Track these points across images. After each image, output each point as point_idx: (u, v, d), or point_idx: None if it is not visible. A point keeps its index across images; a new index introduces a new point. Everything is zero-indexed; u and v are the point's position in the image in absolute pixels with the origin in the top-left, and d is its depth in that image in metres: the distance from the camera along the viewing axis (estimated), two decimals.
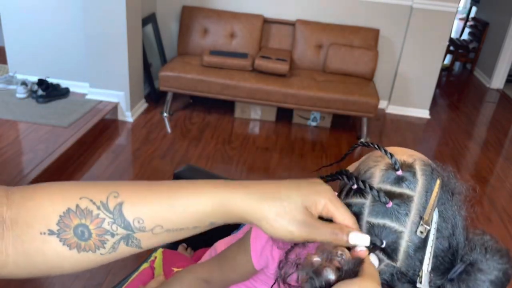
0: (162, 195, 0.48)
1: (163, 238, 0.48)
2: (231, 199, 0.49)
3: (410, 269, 0.52)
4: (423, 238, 0.51)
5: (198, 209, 0.48)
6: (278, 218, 0.48)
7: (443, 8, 3.65)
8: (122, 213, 0.46)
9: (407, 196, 0.52)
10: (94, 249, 0.45)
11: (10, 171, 2.33)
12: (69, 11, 3.23)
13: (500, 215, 2.66)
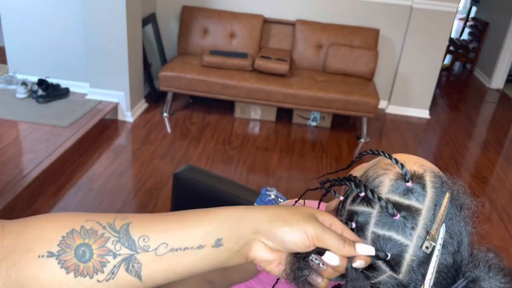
0: (170, 217, 0.48)
1: (166, 263, 0.46)
2: (239, 210, 0.49)
3: (411, 282, 0.52)
4: (428, 253, 0.51)
5: (205, 222, 0.47)
6: (292, 217, 0.48)
7: (443, 8, 3.65)
8: (129, 231, 0.45)
9: (415, 209, 0.52)
10: (92, 273, 0.43)
11: (10, 171, 2.33)
12: (69, 11, 3.23)
13: (500, 215, 2.66)
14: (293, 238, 0.47)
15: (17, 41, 3.37)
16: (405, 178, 0.53)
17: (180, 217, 0.48)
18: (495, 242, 2.39)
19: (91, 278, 0.43)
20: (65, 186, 2.46)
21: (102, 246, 0.43)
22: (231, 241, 0.47)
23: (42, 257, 0.42)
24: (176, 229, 0.46)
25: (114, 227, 0.44)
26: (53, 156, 2.52)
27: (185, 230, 0.46)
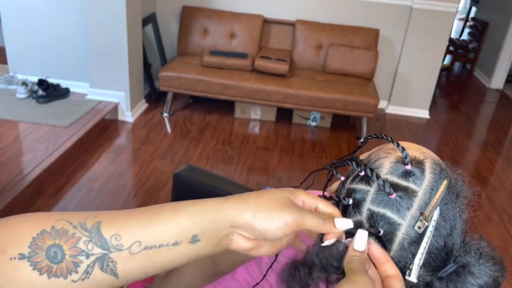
0: (143, 213, 0.46)
1: (141, 261, 0.44)
2: (215, 205, 0.47)
3: (401, 260, 0.53)
4: (420, 233, 0.52)
5: (179, 219, 0.45)
6: (268, 207, 0.48)
7: (443, 8, 3.66)
8: (100, 230, 0.43)
9: (411, 191, 0.53)
10: (66, 273, 0.42)
11: (10, 171, 2.33)
12: (69, 11, 3.23)
13: (500, 215, 2.67)
14: (273, 229, 0.47)
15: (17, 41, 3.37)
16: (405, 161, 0.54)
17: (153, 212, 0.46)
18: (495, 242, 2.40)
19: (65, 279, 0.42)
20: (65, 186, 2.46)
21: (73, 247, 0.42)
22: (208, 236, 0.46)
23: (14, 259, 0.41)
24: (149, 226, 0.45)
25: (85, 226, 0.43)
26: (53, 156, 2.52)
27: (159, 227, 0.45)
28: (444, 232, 0.53)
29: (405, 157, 0.54)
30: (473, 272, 0.53)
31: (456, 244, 0.54)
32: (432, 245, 0.52)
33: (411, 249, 0.52)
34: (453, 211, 0.54)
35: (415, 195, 0.52)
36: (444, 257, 0.54)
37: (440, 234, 0.53)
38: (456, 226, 0.54)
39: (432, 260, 0.53)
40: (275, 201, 0.48)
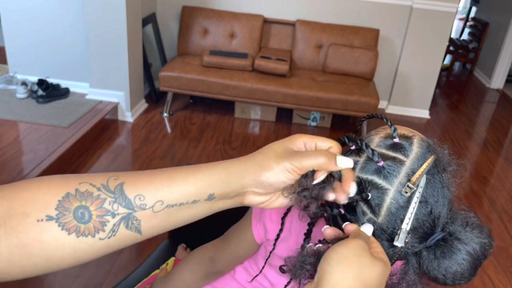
0: (163, 174, 0.49)
1: (163, 218, 0.48)
2: (227, 165, 0.51)
3: (390, 226, 0.54)
4: (407, 198, 0.53)
5: (197, 179, 0.49)
6: (269, 161, 0.50)
7: (443, 8, 3.65)
8: (124, 191, 0.46)
9: (399, 160, 0.55)
10: (93, 232, 0.44)
11: (10, 171, 2.33)
12: (69, 11, 3.23)
13: (500, 215, 2.66)
14: (278, 179, 0.50)
15: (17, 41, 3.37)
16: (393, 135, 0.57)
17: (172, 174, 0.49)
18: (495, 242, 2.39)
19: (93, 237, 0.44)
20: None
21: (99, 207, 0.44)
22: (222, 195, 0.50)
23: (41, 221, 0.43)
24: (170, 186, 0.48)
25: (108, 187, 0.45)
26: (53, 156, 2.52)
27: (179, 187, 0.48)
28: (431, 200, 0.54)
29: (393, 131, 0.57)
30: (460, 238, 0.54)
31: (443, 213, 0.55)
32: (419, 212, 0.54)
33: (398, 214, 0.53)
34: (440, 182, 0.55)
35: (403, 163, 0.55)
36: (431, 224, 0.55)
37: (427, 201, 0.54)
38: (443, 195, 0.55)
39: (419, 226, 0.54)
40: (275, 154, 0.51)
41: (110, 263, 1.95)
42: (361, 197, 0.54)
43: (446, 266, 0.54)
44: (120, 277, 1.85)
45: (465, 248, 0.54)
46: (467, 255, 0.53)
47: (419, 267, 0.56)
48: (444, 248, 0.54)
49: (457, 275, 0.54)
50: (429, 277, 0.56)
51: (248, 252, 0.86)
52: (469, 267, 0.54)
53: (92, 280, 1.86)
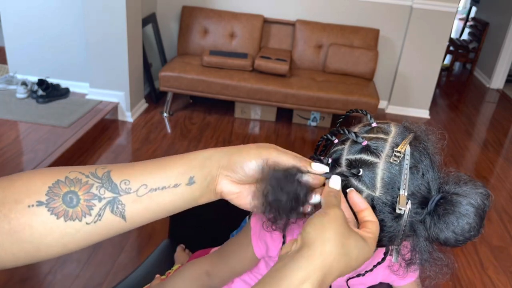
0: (148, 162, 0.52)
1: (146, 203, 0.50)
2: (205, 152, 0.54)
3: (388, 197, 0.55)
4: (397, 167, 0.55)
5: (179, 164, 0.52)
6: (248, 147, 0.54)
7: (443, 8, 3.65)
8: (110, 177, 0.48)
9: (382, 138, 0.58)
10: (80, 216, 0.46)
11: (10, 171, 2.33)
12: (69, 11, 3.23)
13: (500, 215, 2.66)
14: (252, 166, 0.53)
15: (17, 41, 3.37)
16: (370, 121, 0.61)
17: (157, 162, 0.52)
18: (495, 242, 2.39)
19: (80, 221, 0.46)
20: None
21: (87, 192, 0.47)
22: (201, 178, 0.52)
23: (32, 207, 0.45)
24: (154, 171, 0.51)
25: (96, 174, 0.48)
26: (53, 156, 2.52)
27: (162, 171, 0.51)
28: (420, 165, 0.56)
29: (370, 118, 0.61)
30: (457, 193, 0.55)
31: (434, 175, 0.57)
32: (412, 177, 0.55)
33: (393, 182, 0.55)
34: (424, 150, 0.58)
35: (386, 140, 0.58)
36: (426, 187, 0.56)
37: (417, 166, 0.56)
38: (430, 160, 0.58)
39: (416, 191, 0.56)
40: (256, 145, 0.55)
41: (110, 263, 1.95)
42: (352, 174, 0.56)
43: (453, 221, 0.54)
44: (120, 277, 1.85)
45: (465, 199, 0.54)
46: (469, 205, 0.54)
47: (428, 235, 0.57)
48: (445, 205, 0.55)
49: (466, 228, 0.54)
50: (441, 243, 0.57)
51: (248, 267, 0.85)
52: (475, 217, 0.54)
53: (92, 280, 1.86)
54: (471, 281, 2.10)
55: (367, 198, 0.56)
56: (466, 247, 2.32)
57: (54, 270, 1.87)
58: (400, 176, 0.55)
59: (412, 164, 0.56)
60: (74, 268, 1.90)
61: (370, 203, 0.56)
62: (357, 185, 0.56)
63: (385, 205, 0.56)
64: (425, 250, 0.57)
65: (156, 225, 2.18)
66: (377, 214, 0.55)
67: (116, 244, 2.06)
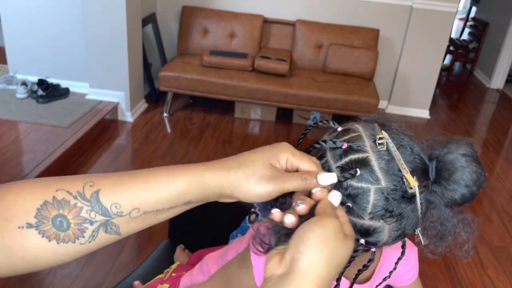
0: (138, 179, 0.48)
1: (141, 222, 0.48)
2: (204, 175, 0.50)
3: (396, 183, 0.56)
4: (386, 152, 0.56)
5: (174, 187, 0.48)
6: (247, 181, 0.49)
7: (443, 8, 3.65)
8: (99, 200, 0.46)
9: (356, 135, 0.59)
10: (73, 239, 0.45)
11: (10, 171, 2.33)
12: (69, 11, 3.23)
13: (500, 215, 2.66)
14: (255, 194, 0.50)
15: (17, 41, 3.37)
16: (334, 127, 0.62)
17: (148, 178, 0.48)
18: (495, 242, 2.39)
19: (74, 243, 0.45)
20: None
21: (77, 216, 0.45)
22: (199, 201, 0.51)
23: (22, 228, 0.44)
24: (146, 194, 0.47)
25: (84, 195, 0.46)
26: (53, 156, 2.52)
27: (155, 194, 0.48)
28: (404, 143, 0.58)
29: (333, 124, 0.62)
30: (448, 151, 0.58)
31: (420, 147, 0.60)
32: (404, 154, 0.57)
33: (392, 167, 0.56)
34: (396, 129, 0.60)
35: (360, 136, 0.59)
36: (420, 159, 0.58)
37: (402, 144, 0.58)
38: (408, 136, 0.60)
39: (414, 166, 0.57)
40: (259, 173, 0.50)
41: (110, 263, 1.95)
42: (351, 175, 0.56)
43: (461, 177, 0.56)
44: (120, 277, 1.85)
45: (458, 154, 0.57)
46: (464, 157, 0.57)
47: (445, 201, 0.58)
48: (444, 167, 0.57)
49: (474, 177, 0.56)
50: (459, 203, 0.58)
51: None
52: (475, 164, 0.57)
53: (92, 280, 1.86)
54: (471, 281, 2.10)
55: (376, 194, 0.55)
56: None
57: (54, 270, 1.87)
58: (393, 159, 0.56)
59: (397, 144, 0.57)
60: (74, 268, 1.90)
61: (383, 198, 0.55)
62: (362, 186, 0.56)
63: (395, 192, 0.55)
64: (450, 217, 0.58)
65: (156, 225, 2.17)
66: (393, 206, 0.55)
67: (116, 244, 2.06)
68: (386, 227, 0.57)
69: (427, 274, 2.10)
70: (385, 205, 0.56)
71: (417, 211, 0.56)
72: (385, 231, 0.58)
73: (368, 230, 0.58)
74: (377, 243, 0.59)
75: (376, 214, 0.56)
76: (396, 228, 0.58)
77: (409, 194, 0.55)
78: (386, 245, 0.61)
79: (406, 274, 0.86)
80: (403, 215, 0.56)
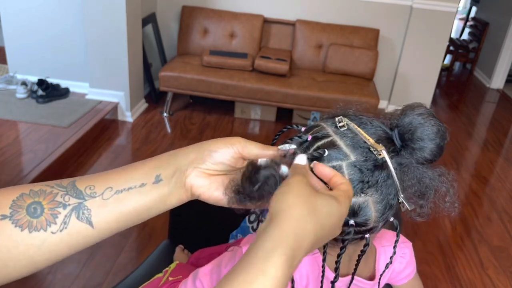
0: (116, 169, 0.52)
1: (113, 205, 0.49)
2: (173, 151, 0.54)
3: (365, 154, 0.58)
4: (348, 130, 0.59)
5: (145, 164, 0.52)
6: (217, 140, 0.54)
7: (443, 8, 3.65)
8: (75, 185, 0.48)
9: (319, 128, 0.62)
10: (45, 226, 0.45)
11: (10, 171, 2.33)
12: (69, 11, 3.23)
13: (500, 215, 2.66)
14: (221, 152, 0.53)
15: (17, 41, 3.37)
16: (298, 129, 0.64)
17: (124, 166, 0.52)
18: (495, 242, 2.39)
19: (45, 231, 0.45)
20: None
21: (52, 201, 0.46)
22: (168, 175, 0.52)
23: None
24: (120, 174, 0.50)
25: (61, 184, 0.48)
26: (53, 156, 2.52)
27: (128, 173, 0.51)
28: (363, 120, 0.61)
29: (297, 127, 0.65)
30: (404, 115, 0.60)
31: (379, 120, 0.63)
32: (366, 129, 0.60)
33: (357, 141, 0.58)
34: (354, 114, 0.63)
35: (322, 127, 0.62)
36: (382, 130, 0.61)
37: (361, 121, 0.61)
38: (366, 116, 0.63)
39: (378, 136, 0.60)
40: (225, 138, 0.55)
41: (110, 263, 1.95)
42: (319, 153, 0.58)
43: (421, 133, 0.59)
44: (120, 277, 1.85)
45: (413, 114, 0.60)
46: (419, 116, 0.59)
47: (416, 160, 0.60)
48: (405, 130, 0.59)
49: (434, 129, 0.59)
50: (430, 159, 0.60)
51: None
52: (431, 118, 0.60)
53: (92, 280, 1.86)
54: (471, 281, 2.10)
55: (349, 168, 0.57)
56: (466, 247, 2.33)
57: (54, 270, 1.87)
58: (357, 135, 0.59)
59: (357, 123, 0.60)
60: (74, 268, 1.90)
61: (357, 171, 0.57)
62: (333, 165, 0.57)
63: (367, 162, 0.57)
64: (425, 173, 0.60)
65: (156, 225, 2.18)
66: (368, 177, 0.57)
67: (116, 244, 2.06)
68: (369, 200, 0.58)
69: (427, 274, 2.10)
70: (361, 177, 0.57)
71: (393, 177, 0.57)
72: (370, 206, 0.58)
73: (354, 208, 0.58)
74: (367, 222, 0.59)
75: (356, 189, 0.57)
76: (379, 199, 0.58)
77: (380, 161, 0.57)
78: (377, 225, 0.61)
79: (404, 271, 0.86)
80: (380, 182, 0.57)
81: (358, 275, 0.76)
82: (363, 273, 0.76)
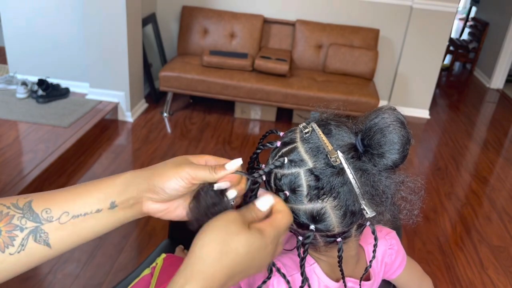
0: (70, 190, 0.52)
1: (70, 229, 0.50)
2: (127, 178, 0.54)
3: (325, 161, 0.57)
4: (313, 135, 0.60)
5: (99, 190, 0.52)
6: (165, 168, 0.54)
7: (443, 8, 3.65)
8: (31, 207, 0.48)
9: (291, 133, 0.63)
10: (3, 248, 0.46)
11: (10, 171, 2.33)
12: (69, 11, 3.23)
13: (500, 215, 2.66)
14: (171, 186, 0.53)
15: (17, 41, 3.37)
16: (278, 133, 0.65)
17: (79, 188, 0.53)
18: (495, 242, 2.39)
19: (3, 253, 0.46)
20: (65, 186, 2.45)
21: (8, 223, 0.47)
22: (123, 203, 0.53)
23: None
24: (75, 198, 0.51)
25: (17, 205, 0.48)
26: (53, 156, 2.52)
27: (83, 198, 0.51)
28: (330, 127, 0.61)
29: (277, 132, 0.65)
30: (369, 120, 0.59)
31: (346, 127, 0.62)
32: (329, 136, 0.59)
33: (316, 147, 0.58)
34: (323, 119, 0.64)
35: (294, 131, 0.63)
36: (347, 136, 0.60)
37: (327, 128, 0.61)
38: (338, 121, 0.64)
39: (339, 142, 0.59)
40: (174, 163, 0.55)
41: (110, 263, 1.95)
42: (276, 166, 0.59)
43: (381, 139, 0.56)
44: (120, 277, 1.85)
45: (375, 119, 0.57)
46: (381, 120, 0.57)
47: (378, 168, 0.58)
48: (365, 136, 0.58)
49: (395, 135, 0.56)
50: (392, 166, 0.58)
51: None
52: (396, 122, 0.57)
53: (92, 280, 1.86)
54: (471, 281, 2.10)
55: (306, 175, 0.57)
56: (466, 247, 2.33)
57: (54, 270, 1.87)
58: (319, 141, 0.59)
59: (324, 130, 0.60)
60: (74, 268, 1.90)
61: (314, 178, 0.57)
62: (292, 172, 0.58)
63: (326, 169, 0.57)
64: (381, 181, 0.58)
65: (156, 225, 2.18)
66: (325, 185, 0.57)
67: (116, 244, 2.06)
68: (328, 206, 0.58)
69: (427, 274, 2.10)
70: (317, 184, 0.57)
71: (351, 183, 0.56)
72: (329, 212, 0.58)
73: (313, 214, 0.58)
74: (329, 227, 0.60)
75: (312, 195, 0.57)
76: (338, 206, 0.58)
77: (337, 167, 0.57)
78: (345, 230, 0.61)
79: (395, 262, 0.86)
80: (335, 189, 0.57)
81: (354, 277, 0.75)
82: (359, 275, 0.76)
